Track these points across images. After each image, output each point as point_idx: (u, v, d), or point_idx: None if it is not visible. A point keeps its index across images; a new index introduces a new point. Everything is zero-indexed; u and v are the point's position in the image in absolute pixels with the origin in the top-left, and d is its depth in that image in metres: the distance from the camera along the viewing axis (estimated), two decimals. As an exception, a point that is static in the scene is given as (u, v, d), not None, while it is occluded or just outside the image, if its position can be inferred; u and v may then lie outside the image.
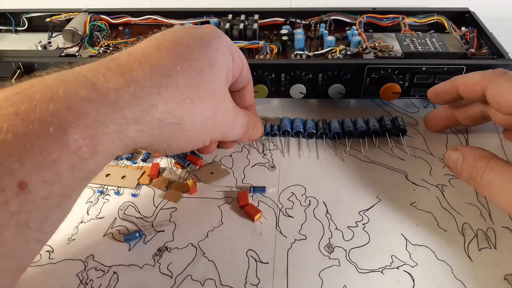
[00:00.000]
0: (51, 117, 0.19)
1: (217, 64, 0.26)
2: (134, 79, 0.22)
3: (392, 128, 0.37)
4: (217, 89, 0.27)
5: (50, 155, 0.18)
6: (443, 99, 0.34)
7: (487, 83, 0.29)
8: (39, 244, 0.20)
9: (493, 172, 0.25)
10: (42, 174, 0.18)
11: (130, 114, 0.22)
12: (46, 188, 0.19)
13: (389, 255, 0.28)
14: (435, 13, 0.46)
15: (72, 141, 0.19)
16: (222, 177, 0.34)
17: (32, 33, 0.50)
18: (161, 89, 0.23)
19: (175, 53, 0.25)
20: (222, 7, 0.49)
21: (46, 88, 0.20)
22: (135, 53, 0.24)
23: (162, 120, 0.23)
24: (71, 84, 0.20)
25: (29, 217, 0.18)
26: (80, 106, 0.20)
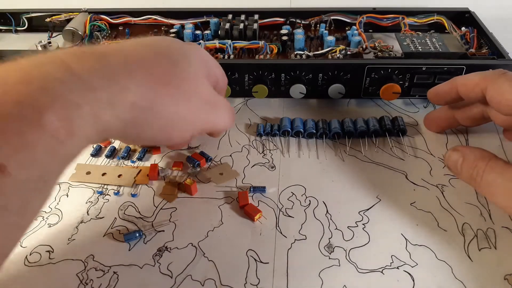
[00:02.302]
0: (25, 98, 0.19)
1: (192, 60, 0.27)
2: (108, 62, 0.23)
3: (392, 128, 0.37)
4: (192, 77, 0.27)
5: (27, 137, 0.18)
6: (443, 100, 0.34)
7: (487, 83, 0.29)
8: (20, 230, 0.20)
9: (493, 172, 0.25)
10: (19, 156, 0.18)
11: (103, 96, 0.22)
12: (24, 170, 0.18)
13: (389, 255, 0.28)
14: (435, 13, 0.46)
15: (48, 122, 0.19)
16: (232, 178, 0.34)
17: (32, 33, 0.50)
18: (133, 73, 0.23)
19: (151, 48, 0.26)
20: (222, 7, 0.49)
21: (20, 70, 0.20)
22: (113, 45, 0.25)
23: (134, 104, 0.23)
24: (45, 66, 0.20)
25: (7, 200, 0.18)
26: (54, 87, 0.20)
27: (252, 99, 0.43)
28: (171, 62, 0.26)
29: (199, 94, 0.27)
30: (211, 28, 0.46)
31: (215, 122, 0.30)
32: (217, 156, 0.36)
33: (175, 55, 0.26)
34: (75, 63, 0.21)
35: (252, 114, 0.41)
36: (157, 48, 0.26)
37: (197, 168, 0.35)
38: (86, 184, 0.34)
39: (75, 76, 0.21)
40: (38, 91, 0.19)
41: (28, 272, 0.28)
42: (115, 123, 0.23)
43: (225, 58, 0.42)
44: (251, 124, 0.40)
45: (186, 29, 0.45)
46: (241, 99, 0.43)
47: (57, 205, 0.32)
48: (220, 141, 0.38)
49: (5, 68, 0.20)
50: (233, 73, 0.39)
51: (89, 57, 0.22)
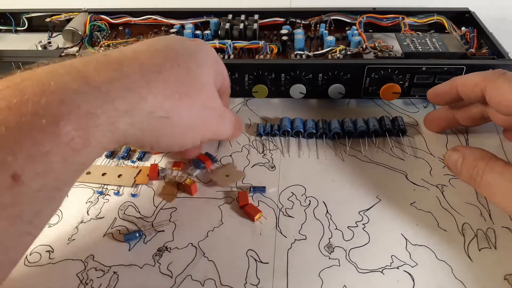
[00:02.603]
0: (43, 109, 0.19)
1: (204, 66, 0.28)
2: (124, 73, 0.23)
3: (392, 128, 0.37)
4: (204, 87, 0.28)
5: (43, 147, 0.19)
6: (442, 100, 0.34)
7: (487, 83, 0.29)
8: (30, 238, 0.20)
9: (493, 172, 0.25)
10: (35, 166, 0.18)
11: (121, 106, 0.22)
12: (38, 180, 0.19)
13: (389, 255, 0.28)
14: (435, 13, 0.46)
15: (65, 132, 0.19)
16: (238, 179, 0.34)
17: (32, 33, 0.50)
18: (151, 84, 0.24)
19: (165, 54, 0.26)
20: (222, 7, 0.49)
21: (37, 81, 0.20)
22: (126, 51, 0.25)
23: (151, 113, 0.24)
24: (62, 77, 0.21)
25: (22, 210, 0.18)
26: (71, 98, 0.20)
27: (252, 99, 0.43)
28: (185, 70, 0.26)
29: (210, 103, 0.28)
30: (211, 28, 0.46)
31: (220, 132, 0.31)
32: (217, 156, 0.36)
33: (187, 62, 0.27)
34: (91, 74, 0.22)
35: (252, 114, 0.41)
36: (169, 54, 0.26)
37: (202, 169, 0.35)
38: (86, 184, 0.34)
39: (92, 87, 0.21)
40: (55, 102, 0.20)
41: (28, 272, 0.28)
42: (131, 131, 0.23)
43: (225, 58, 0.42)
44: (251, 124, 0.40)
45: (186, 29, 0.45)
46: (241, 99, 0.43)
47: (57, 205, 0.32)
48: (220, 141, 0.38)
49: (21, 78, 0.20)
50: (233, 73, 0.39)
51: (105, 67, 0.23)
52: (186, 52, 0.27)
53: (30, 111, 0.19)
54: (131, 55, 0.25)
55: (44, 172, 0.19)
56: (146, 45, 0.26)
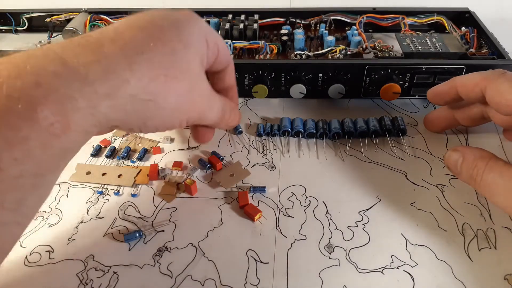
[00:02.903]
0: (18, 92, 0.18)
1: (191, 46, 0.26)
2: (105, 54, 0.22)
3: (392, 128, 0.37)
4: (192, 69, 0.26)
5: (20, 132, 0.18)
6: (442, 100, 0.34)
7: (487, 83, 0.29)
8: (19, 227, 0.20)
9: (493, 172, 0.25)
10: (12, 151, 0.18)
11: (102, 88, 0.21)
12: (17, 166, 0.18)
13: (389, 255, 0.28)
14: (435, 13, 0.46)
15: (42, 117, 0.19)
16: (243, 178, 0.34)
17: (32, 33, 0.50)
18: (134, 65, 0.23)
19: (148, 33, 0.24)
20: (222, 7, 0.49)
21: (13, 65, 0.19)
22: (107, 31, 0.24)
23: (135, 96, 0.23)
24: (39, 60, 0.20)
25: (3, 197, 0.18)
26: (49, 81, 0.19)
27: (252, 99, 0.43)
28: (170, 50, 0.25)
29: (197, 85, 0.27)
30: (211, 28, 0.46)
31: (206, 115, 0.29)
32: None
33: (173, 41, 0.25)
34: (69, 56, 0.21)
35: (252, 114, 0.41)
36: (153, 31, 0.25)
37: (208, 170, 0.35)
38: (86, 184, 0.34)
39: (70, 69, 0.20)
40: (32, 85, 0.19)
41: (28, 272, 0.28)
42: (114, 115, 0.22)
43: (225, 58, 0.42)
44: (251, 124, 0.40)
45: (186, 29, 0.45)
46: (241, 99, 0.43)
47: (57, 205, 0.32)
48: (220, 141, 0.38)
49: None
50: (233, 73, 0.39)
51: (85, 48, 0.22)
52: (172, 28, 0.25)
53: (5, 94, 0.18)
54: (112, 35, 0.23)
55: (23, 158, 0.18)
56: (129, 23, 0.24)
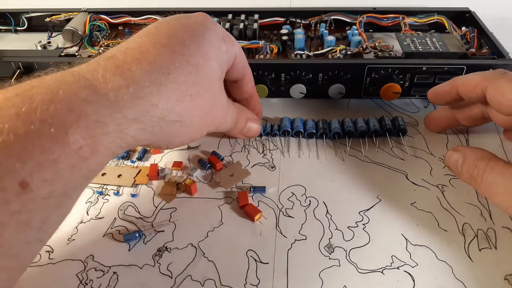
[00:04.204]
0: (52, 118, 0.19)
1: (212, 59, 0.26)
2: (133, 79, 0.22)
3: (393, 128, 0.37)
4: (214, 84, 0.27)
5: (51, 154, 0.19)
6: (443, 100, 0.34)
7: (488, 83, 0.29)
8: (39, 244, 0.20)
9: (493, 172, 0.25)
10: (43, 173, 0.19)
11: (130, 114, 0.22)
12: (47, 187, 0.19)
13: (389, 255, 0.28)
14: (435, 13, 0.46)
15: (73, 141, 0.19)
16: (243, 178, 0.34)
17: (31, 33, 0.50)
18: (161, 88, 0.23)
19: (172, 50, 0.24)
20: (222, 7, 0.49)
21: (46, 89, 0.20)
22: (131, 50, 0.24)
23: (163, 118, 0.24)
24: (71, 86, 0.21)
25: (30, 217, 0.19)
26: (80, 107, 0.20)
27: (252, 99, 0.43)
28: (194, 67, 0.25)
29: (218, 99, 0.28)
30: (211, 28, 0.46)
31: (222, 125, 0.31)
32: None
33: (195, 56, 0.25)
34: (99, 82, 0.22)
35: (252, 114, 0.41)
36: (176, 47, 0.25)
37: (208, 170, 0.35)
38: (86, 184, 0.34)
39: (100, 95, 0.21)
40: (64, 111, 0.20)
41: (28, 272, 0.28)
42: (142, 136, 0.23)
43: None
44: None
45: (186, 29, 0.45)
46: (241, 99, 0.43)
47: (57, 205, 0.32)
48: (220, 141, 0.38)
49: (31, 85, 0.20)
50: (233, 73, 0.39)
51: (113, 73, 0.22)
52: (193, 40, 0.26)
53: (39, 118, 0.19)
54: (138, 55, 0.23)
55: (53, 180, 0.19)
56: (151, 39, 0.25)
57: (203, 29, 0.27)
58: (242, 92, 0.33)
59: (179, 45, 0.25)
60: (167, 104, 0.24)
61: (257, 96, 0.35)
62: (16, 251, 0.19)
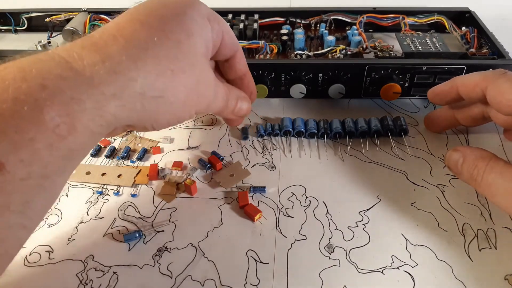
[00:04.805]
0: (24, 95, 0.18)
1: (194, 34, 0.25)
2: (108, 54, 0.22)
3: (394, 128, 0.37)
4: (198, 60, 0.26)
5: (26, 133, 0.18)
6: (443, 100, 0.34)
7: (487, 83, 0.28)
8: (24, 231, 0.20)
9: (493, 172, 0.25)
10: (19, 153, 0.18)
11: (108, 90, 0.21)
12: (24, 168, 0.18)
13: (389, 255, 0.28)
14: (435, 13, 0.46)
15: (49, 119, 0.19)
16: (243, 178, 0.34)
17: (31, 33, 0.50)
18: (139, 63, 0.22)
19: (150, 25, 0.24)
20: (222, 7, 0.49)
21: (19, 68, 0.19)
22: (108, 29, 0.23)
23: (143, 94, 0.23)
24: (44, 63, 0.20)
25: (9, 200, 0.18)
26: (54, 83, 0.19)
27: (252, 99, 0.43)
28: (175, 43, 0.24)
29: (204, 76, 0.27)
30: (211, 28, 0.46)
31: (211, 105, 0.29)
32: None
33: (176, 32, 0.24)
34: (74, 59, 0.21)
35: (252, 114, 0.41)
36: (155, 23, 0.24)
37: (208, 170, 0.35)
38: (85, 184, 0.34)
39: (75, 71, 0.20)
40: (37, 88, 0.19)
41: (28, 272, 0.28)
42: (123, 114, 0.22)
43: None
44: (251, 125, 0.40)
45: (186, 29, 0.45)
46: (241, 99, 0.43)
47: (57, 205, 0.32)
48: (220, 141, 0.38)
49: (4, 66, 0.20)
50: (233, 73, 0.39)
51: (88, 49, 0.22)
52: (174, 17, 0.25)
53: (11, 96, 0.18)
54: (114, 32, 0.23)
55: (30, 160, 0.18)
56: (129, 16, 0.24)
57: (184, 6, 0.26)
58: (235, 71, 0.32)
59: (158, 21, 0.24)
60: (147, 79, 0.23)
61: (250, 74, 0.34)
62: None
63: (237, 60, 0.31)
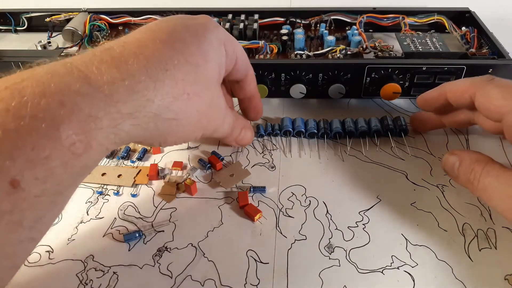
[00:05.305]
0: (42, 112, 0.18)
1: (211, 60, 0.26)
2: (129, 72, 0.22)
3: (394, 128, 0.37)
4: (212, 85, 0.27)
5: (43, 151, 0.18)
6: (432, 106, 0.33)
7: (476, 90, 0.28)
8: (33, 243, 0.20)
9: (490, 176, 0.25)
10: (34, 171, 0.18)
11: (125, 108, 0.21)
12: (38, 185, 0.18)
13: (389, 255, 0.28)
14: (435, 13, 0.46)
15: (65, 136, 0.19)
16: (243, 178, 0.34)
17: (32, 33, 0.50)
18: (158, 83, 0.23)
19: (171, 47, 0.24)
20: (222, 7, 0.49)
21: (37, 82, 0.19)
22: (129, 44, 0.23)
23: (159, 115, 0.23)
24: (63, 78, 0.20)
25: (22, 216, 0.18)
26: (73, 100, 0.19)
27: (252, 99, 0.43)
28: (193, 67, 0.25)
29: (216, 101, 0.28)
30: (211, 28, 0.46)
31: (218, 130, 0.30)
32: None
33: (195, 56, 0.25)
34: (93, 74, 0.21)
35: (252, 114, 0.41)
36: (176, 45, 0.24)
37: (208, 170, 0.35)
38: (85, 184, 0.34)
39: (94, 88, 0.20)
40: (56, 105, 0.19)
41: (28, 272, 0.28)
42: (136, 132, 0.22)
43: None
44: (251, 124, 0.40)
45: (186, 29, 0.45)
46: (241, 99, 0.43)
47: (57, 205, 0.32)
48: (220, 140, 0.38)
49: (21, 78, 0.19)
50: (233, 73, 0.39)
51: (108, 65, 0.21)
52: (193, 40, 0.25)
53: (29, 113, 0.18)
54: (135, 49, 0.23)
55: (45, 177, 0.18)
56: (151, 34, 0.24)
57: (204, 30, 0.26)
58: (244, 92, 0.33)
59: (179, 43, 0.24)
60: (164, 101, 0.23)
61: (258, 96, 0.35)
62: (8, 251, 0.18)
63: (247, 82, 0.32)
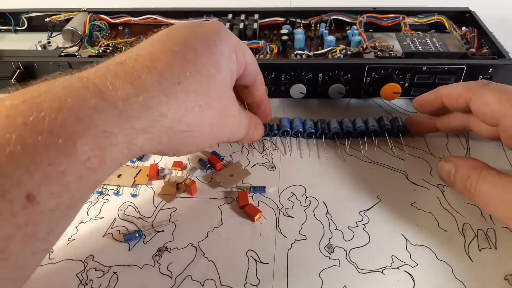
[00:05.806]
0: (60, 128, 0.19)
1: (222, 69, 0.26)
2: (143, 87, 0.22)
3: (391, 128, 0.37)
4: (224, 94, 0.27)
5: (59, 166, 0.18)
6: (427, 110, 0.34)
7: (471, 95, 0.28)
8: (44, 253, 0.20)
9: (486, 183, 0.25)
10: (51, 186, 0.18)
11: (139, 124, 0.22)
12: (53, 199, 0.18)
13: (389, 255, 0.28)
14: (436, 13, 0.46)
15: (81, 152, 0.19)
16: (243, 178, 0.34)
17: (31, 33, 0.50)
18: (171, 98, 0.23)
19: (183, 58, 0.24)
20: (222, 7, 0.49)
21: (54, 96, 0.19)
22: (142, 57, 0.23)
23: (171, 128, 0.23)
24: (79, 93, 0.20)
25: (36, 229, 0.18)
26: (89, 116, 0.20)
27: (252, 99, 0.43)
28: (205, 77, 0.25)
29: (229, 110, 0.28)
30: (211, 28, 0.46)
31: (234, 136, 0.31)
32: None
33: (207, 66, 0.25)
34: (108, 89, 0.21)
35: (252, 114, 0.41)
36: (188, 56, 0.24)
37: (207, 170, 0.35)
38: (86, 184, 0.34)
39: (109, 104, 0.21)
40: (73, 121, 0.19)
41: (28, 272, 0.28)
42: (149, 146, 0.23)
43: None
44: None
45: (186, 29, 0.45)
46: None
47: (57, 205, 0.32)
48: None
49: (38, 91, 0.19)
50: (233, 73, 0.39)
51: (122, 80, 0.22)
52: (205, 49, 0.25)
53: (47, 129, 0.18)
54: (148, 63, 0.23)
55: (60, 192, 0.19)
56: (162, 46, 0.24)
57: (215, 38, 0.26)
58: (253, 97, 0.33)
59: (191, 53, 0.24)
60: (176, 114, 0.23)
61: (267, 99, 0.35)
62: (22, 263, 0.18)
63: (256, 88, 0.32)
